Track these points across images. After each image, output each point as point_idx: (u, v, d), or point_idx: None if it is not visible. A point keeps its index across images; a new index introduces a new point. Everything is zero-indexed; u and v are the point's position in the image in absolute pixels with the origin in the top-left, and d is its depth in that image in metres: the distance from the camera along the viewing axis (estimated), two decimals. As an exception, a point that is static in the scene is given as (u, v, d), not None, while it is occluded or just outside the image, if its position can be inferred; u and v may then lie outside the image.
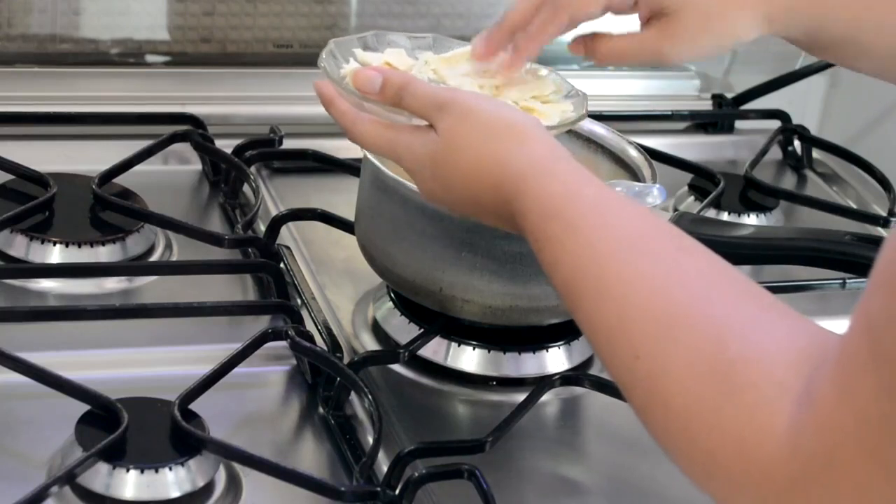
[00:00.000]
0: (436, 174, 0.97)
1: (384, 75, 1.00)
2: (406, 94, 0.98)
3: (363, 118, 1.01)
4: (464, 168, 0.95)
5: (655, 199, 1.06)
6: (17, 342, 1.04)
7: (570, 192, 0.89)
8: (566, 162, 0.92)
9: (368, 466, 0.99)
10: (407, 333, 1.14)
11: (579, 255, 0.85)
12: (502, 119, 0.96)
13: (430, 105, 0.97)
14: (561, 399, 1.14)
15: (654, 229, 0.85)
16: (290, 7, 1.48)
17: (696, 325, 0.76)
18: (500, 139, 0.94)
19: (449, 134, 0.96)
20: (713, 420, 0.72)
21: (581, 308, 0.84)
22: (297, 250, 1.25)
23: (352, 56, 1.09)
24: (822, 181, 1.56)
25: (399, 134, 0.99)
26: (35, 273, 1.16)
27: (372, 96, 1.00)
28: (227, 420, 1.04)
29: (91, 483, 0.94)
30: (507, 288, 1.09)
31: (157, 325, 1.12)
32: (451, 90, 1.01)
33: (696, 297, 0.78)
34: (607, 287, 0.82)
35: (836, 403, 0.67)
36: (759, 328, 0.75)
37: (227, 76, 1.47)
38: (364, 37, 1.12)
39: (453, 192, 0.96)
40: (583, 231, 0.86)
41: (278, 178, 1.38)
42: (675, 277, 0.80)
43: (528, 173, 0.91)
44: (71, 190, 1.23)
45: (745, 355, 0.73)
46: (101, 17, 1.44)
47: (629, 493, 1.05)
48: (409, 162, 0.98)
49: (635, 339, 0.78)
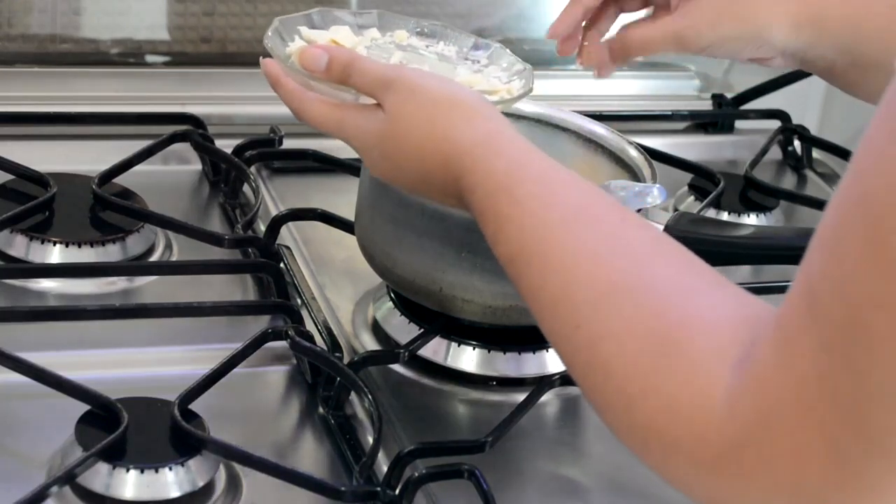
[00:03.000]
0: (384, 153, 0.97)
1: (330, 53, 1.00)
2: (353, 71, 0.98)
3: (310, 97, 1.00)
4: (411, 146, 0.95)
5: (655, 199, 1.06)
6: (17, 342, 1.04)
7: (515, 168, 0.89)
8: (512, 139, 0.92)
9: (368, 466, 0.99)
10: (407, 333, 1.14)
11: (523, 227, 0.85)
12: (448, 95, 0.96)
13: (376, 83, 0.97)
14: (561, 399, 1.14)
15: (598, 202, 0.86)
16: (290, 7, 1.48)
17: (637, 293, 0.77)
18: (447, 116, 0.94)
19: (395, 112, 0.96)
20: (650, 383, 0.73)
21: (524, 278, 0.84)
22: (297, 250, 1.25)
23: (297, 34, 1.08)
24: (822, 181, 1.56)
25: (346, 113, 0.99)
26: (35, 273, 1.16)
27: (318, 75, 1.00)
28: (227, 420, 1.04)
29: (91, 483, 0.94)
30: (507, 288, 1.09)
31: (157, 325, 1.12)
32: (397, 67, 1.01)
33: (638, 266, 0.79)
34: (550, 258, 0.82)
35: (774, 366, 0.67)
36: (699, 297, 0.75)
37: (227, 76, 1.47)
38: (309, 14, 1.11)
39: (402, 170, 0.97)
40: (527, 204, 0.86)
41: (278, 178, 1.38)
42: (619, 247, 0.81)
43: (475, 151, 0.92)
44: (71, 190, 1.23)
45: (684, 322, 0.74)
46: (101, 17, 1.44)
47: (629, 493, 1.05)
48: (357, 141, 0.98)
49: (577, 309, 0.79)
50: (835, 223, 0.66)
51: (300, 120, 1.02)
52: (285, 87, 1.02)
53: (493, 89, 1.08)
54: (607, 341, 0.76)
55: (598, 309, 0.78)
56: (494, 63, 1.13)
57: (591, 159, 1.20)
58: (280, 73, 1.02)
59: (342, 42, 1.09)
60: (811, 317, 0.65)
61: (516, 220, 0.86)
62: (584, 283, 0.79)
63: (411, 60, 1.10)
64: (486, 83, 1.09)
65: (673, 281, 0.77)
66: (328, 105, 1.00)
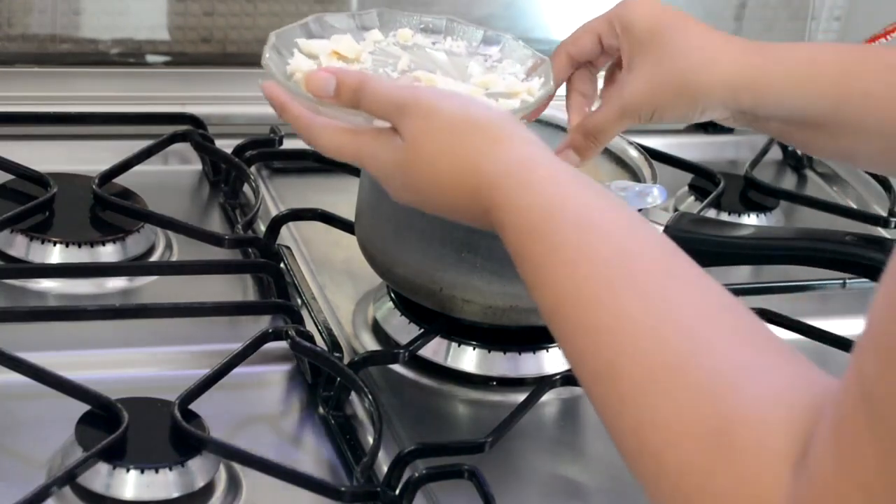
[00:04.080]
0: (406, 183, 0.92)
1: (338, 77, 0.94)
2: (363, 95, 0.93)
3: (320, 124, 0.95)
4: (434, 175, 0.90)
5: (655, 199, 1.06)
6: (17, 342, 1.03)
7: (550, 206, 0.83)
8: (544, 165, 0.86)
9: (368, 466, 0.99)
10: (407, 333, 1.14)
11: (560, 280, 0.79)
12: (469, 118, 0.90)
13: (390, 107, 0.92)
14: (561, 399, 1.14)
15: (641, 250, 0.79)
16: (290, 7, 1.48)
17: (688, 375, 0.71)
18: (469, 142, 0.89)
19: (414, 138, 0.90)
20: (706, 483, 0.68)
21: (563, 339, 0.78)
22: (297, 250, 1.25)
23: (295, 47, 1.04)
24: (822, 181, 1.56)
25: (361, 140, 0.93)
26: (35, 273, 1.16)
27: (327, 100, 0.94)
28: (227, 420, 1.04)
29: (91, 483, 0.94)
30: (507, 288, 1.09)
31: (157, 325, 1.12)
32: (411, 89, 0.95)
33: (688, 339, 0.73)
34: (591, 323, 0.76)
35: (835, 474, 0.63)
36: (755, 379, 0.70)
37: (227, 76, 1.47)
38: (306, 23, 1.06)
39: (427, 199, 0.92)
40: (564, 252, 0.80)
41: (278, 178, 1.38)
42: (666, 313, 0.74)
43: (504, 182, 0.86)
44: (71, 190, 1.23)
45: (740, 414, 0.68)
46: (101, 17, 1.44)
47: (629, 493, 1.05)
48: (375, 169, 0.93)
49: (623, 385, 0.73)
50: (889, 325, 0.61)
51: (311, 146, 0.96)
52: (292, 114, 0.96)
53: (512, 90, 1.04)
54: (658, 430, 0.70)
55: (646, 391, 0.72)
56: (507, 56, 1.09)
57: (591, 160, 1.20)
58: (285, 98, 0.96)
59: (344, 52, 1.04)
60: (870, 426, 0.62)
61: (552, 269, 0.80)
62: (629, 359, 0.73)
63: (420, 62, 1.06)
64: (501, 83, 1.05)
65: (727, 357, 0.71)
66: (341, 132, 0.94)
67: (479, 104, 0.94)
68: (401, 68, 1.05)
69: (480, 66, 1.08)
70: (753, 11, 1.65)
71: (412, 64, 1.06)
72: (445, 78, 1.04)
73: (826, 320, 1.24)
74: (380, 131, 0.93)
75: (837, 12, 1.68)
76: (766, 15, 1.66)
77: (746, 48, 1.05)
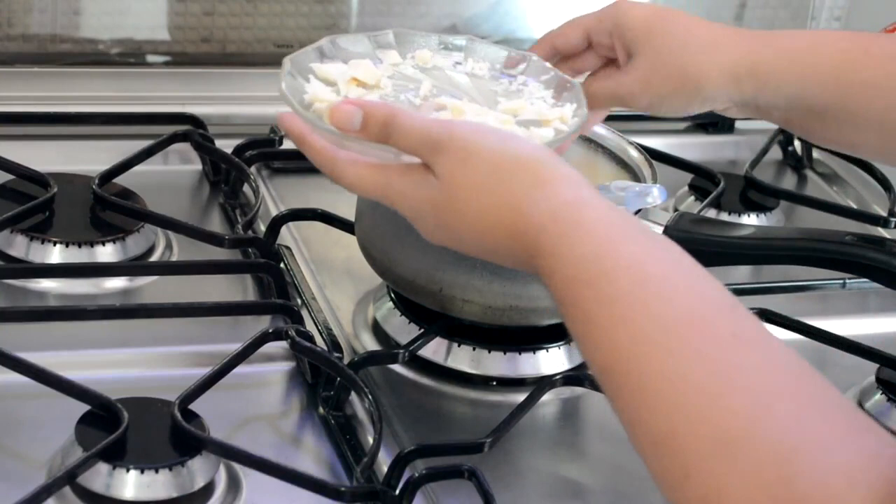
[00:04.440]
0: (440, 222, 0.87)
1: (365, 110, 0.88)
2: (393, 130, 0.87)
3: (345, 159, 0.90)
4: (472, 217, 0.85)
5: (655, 199, 1.05)
6: (17, 342, 1.04)
7: (602, 255, 0.77)
8: (593, 208, 0.81)
9: (368, 466, 0.99)
10: (407, 333, 1.14)
11: (615, 337, 0.74)
12: (509, 156, 0.84)
13: (422, 143, 0.87)
14: (561, 399, 1.14)
15: (703, 307, 0.74)
16: (290, 7, 1.48)
17: (757, 445, 0.66)
18: (512, 182, 0.83)
19: (450, 178, 0.85)
20: None
21: (617, 398, 0.73)
22: (297, 250, 1.25)
23: (311, 72, 0.99)
24: (823, 181, 1.56)
25: (389, 176, 0.88)
26: (35, 273, 1.16)
27: (353, 134, 0.89)
28: (227, 420, 1.04)
29: (91, 483, 0.94)
30: (507, 288, 1.09)
31: (157, 325, 1.12)
32: (444, 124, 0.88)
33: (757, 405, 0.68)
34: (649, 387, 0.71)
35: None
36: (826, 452, 0.66)
37: (227, 76, 1.47)
38: (320, 46, 1.01)
39: (464, 240, 0.87)
40: (619, 308, 0.74)
41: (278, 178, 1.38)
42: (733, 377, 0.69)
43: (550, 227, 0.80)
44: (71, 190, 1.23)
45: (812, 494, 0.64)
46: (101, 17, 1.44)
47: (629, 493, 1.05)
48: (405, 208, 0.88)
49: (687, 456, 0.68)
50: None
51: (334, 181, 0.91)
52: (313, 147, 0.91)
53: (543, 118, 0.99)
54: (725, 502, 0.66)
55: (712, 461, 0.67)
56: (531, 77, 1.06)
57: (591, 159, 1.20)
58: (305, 130, 0.91)
59: (364, 79, 0.99)
60: None
61: (606, 325, 0.74)
62: (692, 427, 0.68)
63: (443, 86, 1.02)
64: (531, 109, 1.01)
65: (795, 427, 0.67)
66: (368, 168, 0.89)
67: (518, 140, 0.88)
68: (423, 94, 1.01)
69: (504, 90, 1.04)
70: (753, 11, 1.65)
71: (435, 89, 1.02)
72: (472, 105, 1.00)
73: (826, 320, 1.24)
74: (410, 168, 0.88)
75: (837, 12, 1.68)
76: (766, 15, 1.66)
77: (746, 35, 1.06)
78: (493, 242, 0.85)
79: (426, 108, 0.99)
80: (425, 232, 0.89)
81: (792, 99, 1.04)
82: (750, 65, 1.04)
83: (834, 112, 1.04)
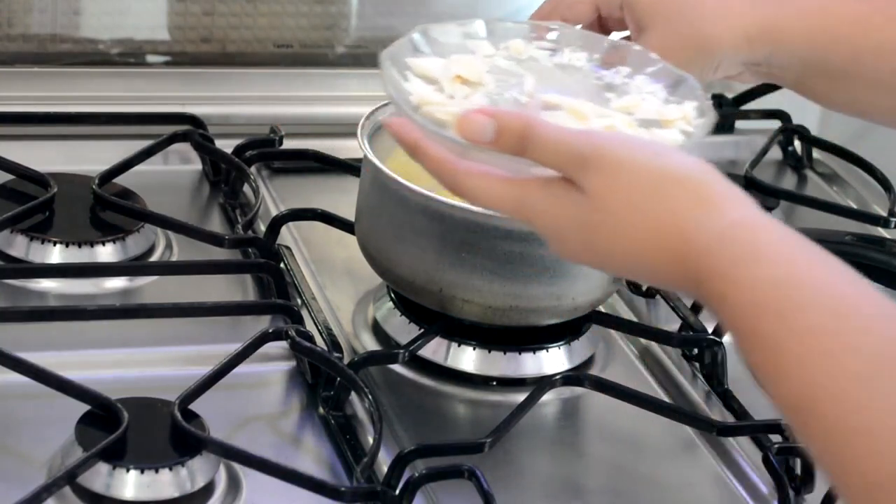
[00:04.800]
0: (587, 242, 0.81)
1: (499, 121, 0.81)
2: (530, 143, 0.80)
3: (472, 171, 0.82)
4: (628, 239, 0.79)
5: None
6: (17, 342, 1.03)
7: (784, 281, 0.72)
8: (765, 229, 0.76)
9: (368, 466, 0.99)
10: (407, 333, 1.14)
11: (813, 374, 0.68)
12: (666, 172, 0.79)
13: (566, 158, 0.80)
14: (561, 399, 1.14)
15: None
16: (290, 7, 1.48)
17: None
18: (670, 200, 0.78)
19: (600, 196, 0.79)
20: None
21: (814, 438, 0.68)
22: (297, 250, 1.25)
23: (408, 69, 0.92)
24: (823, 181, 1.56)
25: (526, 192, 0.81)
26: (35, 273, 1.16)
27: (485, 146, 0.81)
28: (227, 420, 1.04)
29: (91, 483, 0.94)
30: (507, 288, 1.09)
31: (157, 325, 1.12)
32: (589, 135, 0.82)
33: None
34: (858, 426, 0.66)
35: None
36: None
37: (227, 76, 1.47)
38: (412, 38, 0.93)
39: (615, 263, 0.82)
40: (817, 340, 0.69)
41: (278, 178, 1.38)
42: None
43: (719, 250, 0.75)
44: (71, 190, 1.22)
45: None
46: (101, 17, 1.44)
47: (629, 493, 1.05)
48: (544, 226, 0.82)
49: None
50: None
51: (456, 195, 0.84)
52: (431, 157, 0.83)
53: (665, 118, 0.93)
54: None
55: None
56: (636, 69, 0.99)
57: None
58: (418, 135, 0.83)
59: (469, 77, 0.92)
60: None
61: (793, 358, 0.69)
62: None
63: (546, 81, 0.95)
64: (647, 107, 0.94)
65: None
66: (499, 182, 0.82)
67: (671, 153, 0.82)
68: (528, 91, 0.94)
69: (612, 83, 0.97)
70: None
71: (538, 86, 0.94)
72: (586, 104, 0.93)
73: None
74: (549, 182, 0.81)
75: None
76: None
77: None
78: (652, 266, 0.80)
79: (533, 106, 0.92)
80: (565, 251, 0.84)
81: (804, 60, 1.03)
82: (762, 26, 1.03)
83: (846, 74, 1.03)
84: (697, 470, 1.09)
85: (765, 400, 1.13)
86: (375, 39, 1.52)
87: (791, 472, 1.06)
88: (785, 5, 1.05)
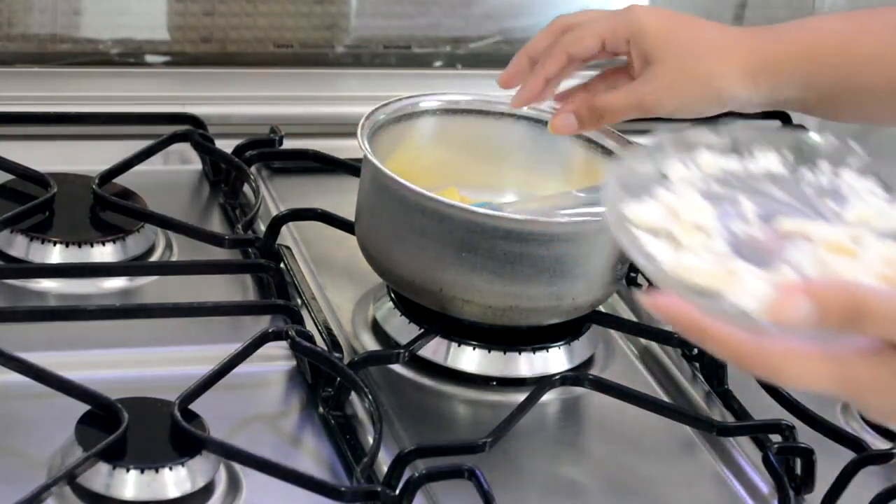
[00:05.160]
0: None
1: (820, 302, 0.68)
2: (865, 321, 0.69)
3: (793, 353, 0.70)
4: None
5: None
6: (17, 342, 1.04)
7: None
8: None
9: (368, 466, 0.99)
10: (407, 333, 1.14)
11: None
12: None
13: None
14: (561, 399, 1.14)
15: None
16: (290, 7, 1.48)
17: None
18: None
19: None
20: None
21: None
22: (297, 250, 1.25)
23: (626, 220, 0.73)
24: (823, 181, 1.56)
25: (857, 371, 0.71)
26: (35, 273, 1.16)
27: (800, 325, 0.68)
28: (227, 420, 1.04)
29: (91, 483, 0.94)
30: (507, 288, 1.09)
31: (157, 325, 1.12)
32: None
33: None
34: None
35: None
36: None
37: (227, 76, 1.47)
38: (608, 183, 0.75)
39: None
40: None
41: (278, 178, 1.38)
42: None
43: None
44: (71, 190, 1.23)
45: None
46: (101, 17, 1.44)
47: (629, 493, 1.05)
48: (880, 402, 0.71)
49: None
50: None
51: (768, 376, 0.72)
52: (727, 342, 0.70)
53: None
54: None
55: None
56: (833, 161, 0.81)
57: (591, 159, 1.20)
58: (699, 318, 0.70)
59: (702, 222, 0.75)
60: None
61: None
62: None
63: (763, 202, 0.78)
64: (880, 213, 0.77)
65: None
66: (821, 360, 0.70)
67: None
68: (750, 218, 0.77)
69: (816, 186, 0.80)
70: (753, 11, 1.65)
71: (758, 209, 0.77)
72: (840, 227, 0.77)
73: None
74: (877, 352, 0.71)
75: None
76: (767, 15, 1.66)
77: (754, 33, 1.08)
78: None
79: (772, 241, 0.76)
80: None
81: (804, 84, 1.07)
82: (762, 62, 1.06)
83: (845, 89, 1.06)
84: (697, 470, 1.09)
85: (765, 400, 1.13)
86: (375, 39, 1.52)
87: (791, 472, 1.06)
88: (780, 36, 1.08)
